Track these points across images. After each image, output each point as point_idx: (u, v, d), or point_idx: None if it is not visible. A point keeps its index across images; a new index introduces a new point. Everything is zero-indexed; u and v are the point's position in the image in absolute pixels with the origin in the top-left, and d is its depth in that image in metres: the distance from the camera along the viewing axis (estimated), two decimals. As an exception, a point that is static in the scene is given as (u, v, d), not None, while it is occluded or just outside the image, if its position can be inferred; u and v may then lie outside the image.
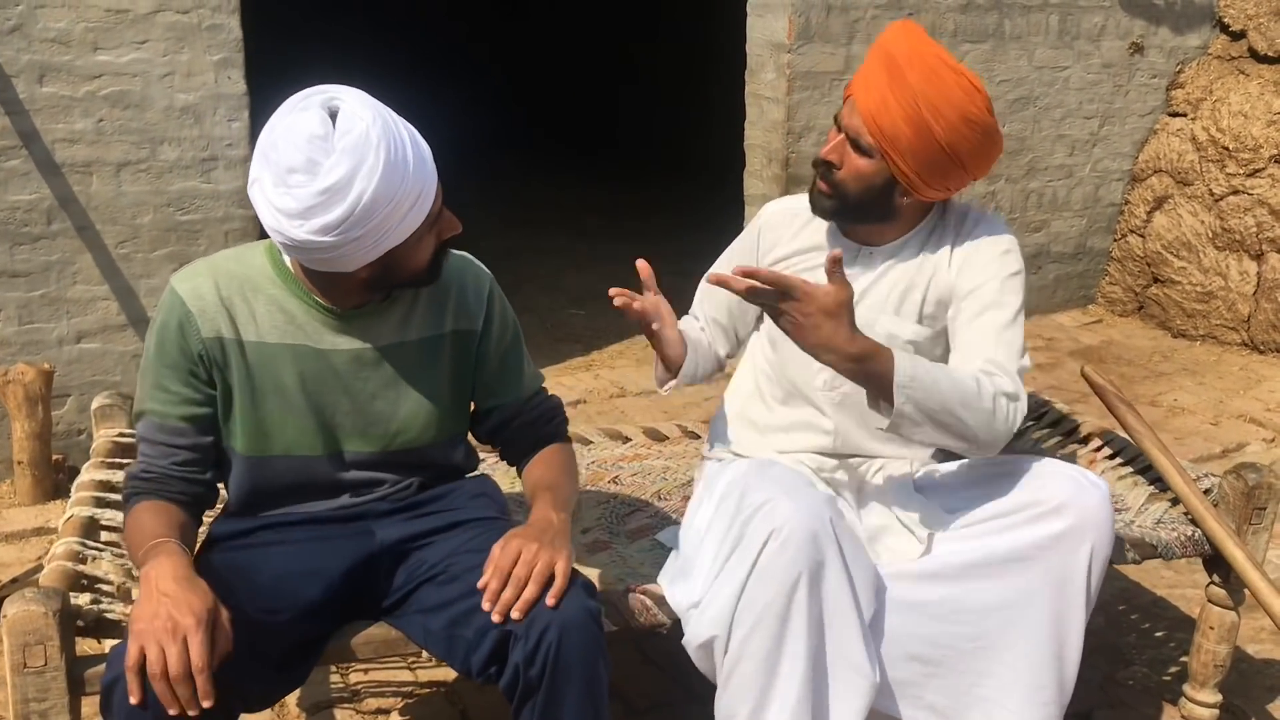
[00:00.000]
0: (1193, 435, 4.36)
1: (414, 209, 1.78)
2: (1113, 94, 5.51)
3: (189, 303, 1.86)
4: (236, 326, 1.87)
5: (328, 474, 1.96)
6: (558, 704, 1.74)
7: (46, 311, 3.66)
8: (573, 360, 5.08)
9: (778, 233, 2.35)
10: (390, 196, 1.73)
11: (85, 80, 3.55)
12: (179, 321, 1.86)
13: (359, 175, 1.70)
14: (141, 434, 1.89)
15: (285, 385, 1.90)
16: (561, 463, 2.08)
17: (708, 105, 7.96)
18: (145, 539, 1.76)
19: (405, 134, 1.77)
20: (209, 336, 1.86)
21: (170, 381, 1.87)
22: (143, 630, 1.59)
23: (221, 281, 1.88)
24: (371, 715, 2.60)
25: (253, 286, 1.89)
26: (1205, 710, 2.44)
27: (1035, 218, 5.55)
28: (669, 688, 2.67)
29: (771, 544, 1.92)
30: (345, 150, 1.70)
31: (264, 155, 1.74)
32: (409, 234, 1.79)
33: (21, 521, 3.41)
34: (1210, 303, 5.37)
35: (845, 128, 2.15)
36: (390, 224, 1.75)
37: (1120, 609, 3.11)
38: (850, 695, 1.98)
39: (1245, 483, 2.31)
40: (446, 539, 1.96)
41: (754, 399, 2.38)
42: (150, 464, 1.88)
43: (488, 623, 1.75)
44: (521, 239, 6.92)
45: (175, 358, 1.86)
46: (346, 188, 1.70)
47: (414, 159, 1.76)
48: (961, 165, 2.14)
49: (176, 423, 1.87)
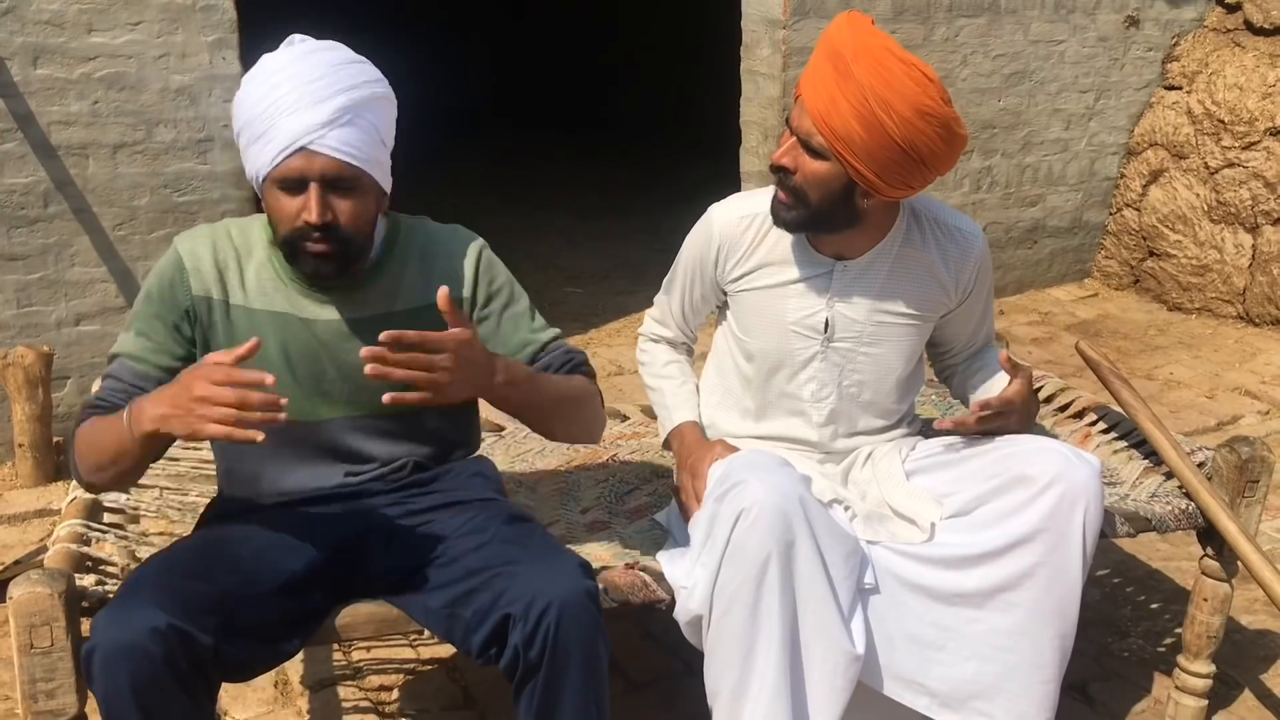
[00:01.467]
0: (1188, 408, 4.38)
1: (261, 140, 1.82)
2: (1108, 68, 5.51)
3: (185, 260, 1.92)
4: (226, 289, 1.93)
5: (316, 440, 1.96)
6: (558, 684, 1.76)
7: (45, 294, 3.66)
8: (570, 338, 5.05)
9: (736, 247, 2.23)
10: (250, 98, 1.83)
11: (80, 62, 3.54)
12: (172, 276, 1.92)
13: (250, 71, 1.86)
14: (111, 372, 1.91)
15: (268, 351, 1.91)
16: (577, 380, 2.04)
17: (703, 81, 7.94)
18: (106, 425, 1.76)
19: (310, 73, 1.82)
20: (198, 294, 1.92)
21: (153, 329, 1.91)
22: (182, 407, 1.62)
23: (220, 244, 1.95)
24: (374, 692, 2.63)
25: (248, 252, 1.95)
26: (1199, 680, 2.46)
27: (1031, 192, 5.56)
28: (668, 662, 2.69)
29: (741, 524, 1.93)
30: (283, 49, 1.86)
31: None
32: (259, 168, 1.83)
33: (23, 503, 3.42)
34: (1206, 276, 5.39)
35: (795, 129, 2.05)
36: (246, 139, 1.84)
37: (1115, 582, 3.13)
38: (832, 672, 1.99)
39: (1238, 456, 2.33)
40: (443, 519, 1.97)
41: (722, 410, 2.37)
42: (115, 401, 1.85)
43: (487, 605, 1.76)
44: (516, 217, 6.92)
45: (163, 309, 1.91)
46: (243, 79, 1.87)
47: (285, 94, 1.80)
48: (921, 161, 2.02)
49: (149, 369, 1.89)
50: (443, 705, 2.59)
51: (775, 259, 2.22)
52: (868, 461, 2.28)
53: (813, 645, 1.99)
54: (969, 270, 2.24)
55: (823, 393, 2.25)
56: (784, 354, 2.24)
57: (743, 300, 2.26)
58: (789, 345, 2.23)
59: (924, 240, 2.22)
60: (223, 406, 1.59)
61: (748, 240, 2.22)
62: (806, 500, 1.96)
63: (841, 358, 2.23)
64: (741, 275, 2.24)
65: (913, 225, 2.22)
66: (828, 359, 2.23)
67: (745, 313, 2.26)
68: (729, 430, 2.33)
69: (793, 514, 1.93)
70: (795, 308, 2.21)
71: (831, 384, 2.24)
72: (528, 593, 1.74)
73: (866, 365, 2.24)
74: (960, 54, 5.10)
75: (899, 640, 2.09)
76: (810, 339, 2.22)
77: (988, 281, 2.31)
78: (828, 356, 2.23)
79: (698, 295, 2.35)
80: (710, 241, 2.25)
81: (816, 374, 2.24)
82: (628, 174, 8.32)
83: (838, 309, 2.20)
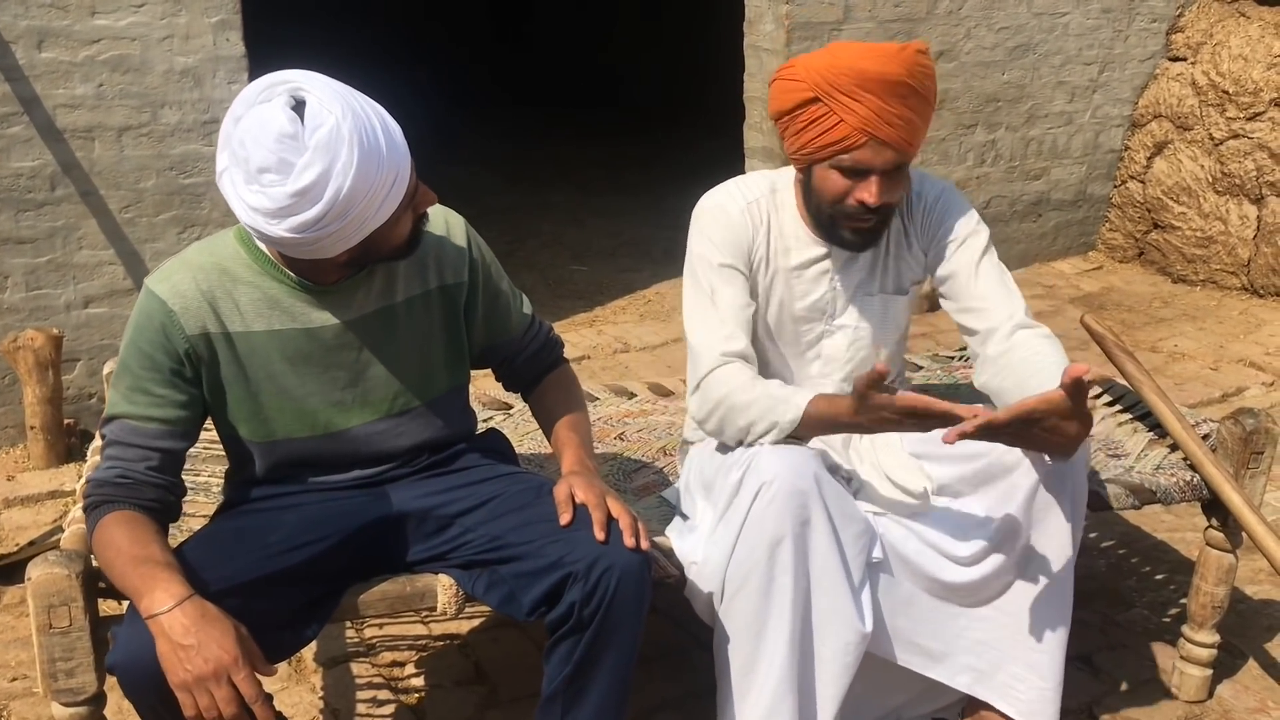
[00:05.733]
0: (1193, 380, 4.39)
1: (391, 193, 1.74)
2: (1112, 39, 5.49)
3: (170, 302, 1.81)
4: (221, 320, 1.84)
5: (335, 450, 1.97)
6: (602, 644, 1.81)
7: (53, 277, 3.68)
8: (576, 316, 5.10)
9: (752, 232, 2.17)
10: (367, 189, 1.69)
11: (84, 45, 3.55)
12: (161, 323, 1.81)
13: (334, 173, 1.66)
14: (112, 437, 1.82)
15: (278, 371, 1.88)
16: (572, 391, 2.17)
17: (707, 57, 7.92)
18: (126, 560, 1.69)
19: (375, 120, 1.72)
20: (194, 334, 1.83)
21: (151, 384, 1.82)
22: (186, 681, 1.59)
23: (199, 277, 1.84)
24: (386, 668, 2.65)
25: (231, 276, 1.85)
26: (1203, 650, 2.49)
27: (1035, 165, 5.55)
28: (677, 636, 2.72)
29: (759, 502, 1.94)
30: (318, 148, 1.65)
31: (231, 151, 1.69)
32: (388, 217, 1.77)
33: (36, 485, 3.45)
34: (1210, 247, 5.38)
35: (878, 166, 2.03)
36: (369, 212, 1.72)
37: (1120, 553, 3.15)
38: (843, 650, 2.02)
39: (1243, 428, 2.34)
40: (472, 493, 1.99)
41: None
42: (124, 468, 1.79)
43: (542, 566, 1.82)
44: (521, 195, 6.92)
45: (158, 359, 1.82)
46: (322, 186, 1.66)
47: (386, 144, 1.71)
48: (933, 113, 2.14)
49: (155, 425, 1.82)
50: (455, 680, 2.62)
51: (779, 246, 2.22)
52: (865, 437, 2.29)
53: (826, 625, 2.01)
54: (928, 221, 2.24)
55: (828, 368, 2.27)
56: (791, 337, 2.26)
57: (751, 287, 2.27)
58: (796, 328, 2.25)
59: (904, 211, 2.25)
60: (215, 707, 1.60)
61: (757, 227, 2.21)
62: (822, 478, 1.98)
63: (845, 335, 2.25)
64: (778, 272, 2.22)
65: None
66: (833, 336, 2.25)
67: None
68: None
69: (809, 492, 1.95)
70: (801, 293, 2.23)
71: (838, 360, 2.26)
72: (591, 554, 1.79)
73: (868, 336, 2.26)
74: (964, 27, 5.08)
75: (901, 606, 2.12)
76: (815, 321, 2.24)
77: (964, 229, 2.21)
78: (833, 335, 2.25)
79: (743, 288, 2.18)
80: (735, 227, 2.17)
81: (822, 351, 2.26)
82: (633, 151, 8.31)
83: (839, 288, 2.23)
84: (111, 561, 1.71)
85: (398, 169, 1.74)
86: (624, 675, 1.86)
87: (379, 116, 1.74)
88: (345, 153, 1.66)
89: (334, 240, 1.73)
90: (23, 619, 2.67)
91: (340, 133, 1.66)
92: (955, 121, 5.21)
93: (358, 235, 1.75)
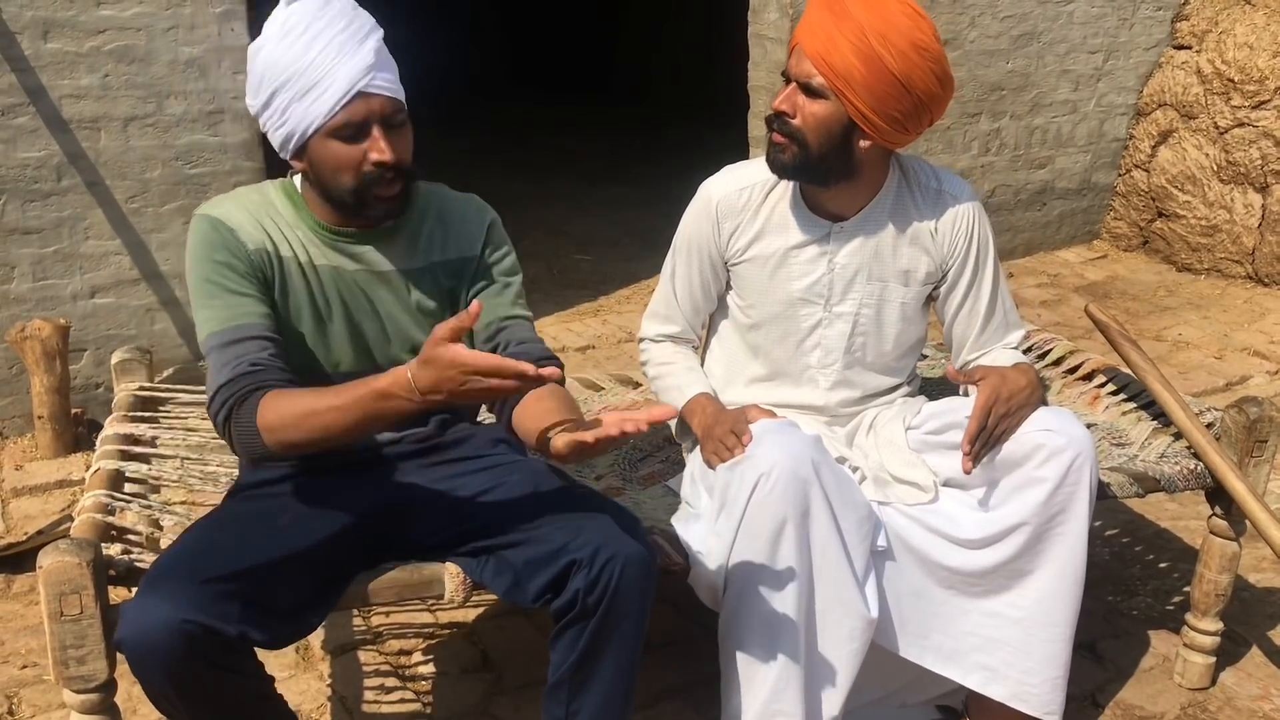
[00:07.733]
0: (1197, 369, 4.39)
1: (311, 94, 1.80)
2: (1117, 27, 5.48)
3: (227, 220, 1.88)
4: (274, 242, 1.91)
5: None
6: (607, 633, 1.82)
7: (60, 267, 3.69)
8: (581, 306, 5.10)
9: (736, 218, 2.25)
10: (288, 56, 1.79)
11: (89, 35, 3.55)
12: (223, 237, 1.86)
13: (267, 31, 1.82)
14: (220, 344, 1.81)
15: (319, 303, 1.94)
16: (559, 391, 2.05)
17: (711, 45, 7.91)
18: (330, 396, 1.70)
19: (340, 19, 1.81)
20: (254, 248, 1.88)
21: (236, 285, 1.85)
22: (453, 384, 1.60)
23: (249, 206, 1.93)
24: (393, 656, 2.67)
25: (275, 212, 1.94)
26: (1207, 638, 2.50)
27: (1040, 154, 5.54)
28: (682, 623, 2.73)
29: (759, 490, 1.95)
30: (278, 11, 1.82)
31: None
32: (311, 123, 1.81)
33: (44, 474, 3.46)
34: (1215, 236, 5.38)
35: (795, 75, 2.09)
36: (288, 98, 1.81)
37: (1124, 541, 3.16)
38: (848, 636, 2.03)
39: (1246, 416, 2.35)
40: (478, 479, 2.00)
41: (727, 382, 2.38)
42: (250, 359, 1.79)
43: (548, 553, 1.82)
44: (525, 185, 6.91)
45: (234, 263, 1.85)
46: (259, 42, 1.82)
47: (327, 43, 1.79)
48: (918, 100, 2.06)
49: (258, 320, 1.84)
50: (462, 668, 2.63)
51: (774, 226, 2.24)
52: (871, 428, 2.30)
53: (829, 611, 2.02)
54: (954, 232, 2.24)
55: (829, 359, 2.27)
56: (790, 321, 2.26)
57: (745, 271, 2.27)
58: (794, 312, 2.25)
59: (915, 203, 2.24)
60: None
61: (747, 209, 2.24)
62: (821, 465, 1.99)
63: (845, 322, 2.25)
64: (744, 246, 2.25)
65: (904, 186, 2.24)
66: (832, 325, 2.25)
67: (749, 284, 2.28)
68: (736, 401, 2.34)
69: (808, 480, 1.95)
70: (799, 274, 2.23)
71: (837, 349, 2.26)
72: (595, 542, 1.80)
73: (868, 325, 2.26)
74: (968, 15, 5.08)
75: (906, 598, 2.12)
76: (814, 304, 2.24)
77: (983, 254, 2.26)
78: (832, 322, 2.25)
79: (705, 277, 2.31)
80: (710, 216, 2.26)
81: (822, 340, 2.26)
82: (638, 140, 8.31)
83: (838, 271, 2.22)
84: (313, 408, 1.71)
85: (323, 75, 1.81)
86: (630, 663, 1.87)
87: (353, 23, 1.85)
88: (281, 15, 1.83)
89: (270, 120, 1.86)
90: (32, 607, 2.68)
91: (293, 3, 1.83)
92: (960, 110, 5.21)
93: (285, 124, 1.84)
